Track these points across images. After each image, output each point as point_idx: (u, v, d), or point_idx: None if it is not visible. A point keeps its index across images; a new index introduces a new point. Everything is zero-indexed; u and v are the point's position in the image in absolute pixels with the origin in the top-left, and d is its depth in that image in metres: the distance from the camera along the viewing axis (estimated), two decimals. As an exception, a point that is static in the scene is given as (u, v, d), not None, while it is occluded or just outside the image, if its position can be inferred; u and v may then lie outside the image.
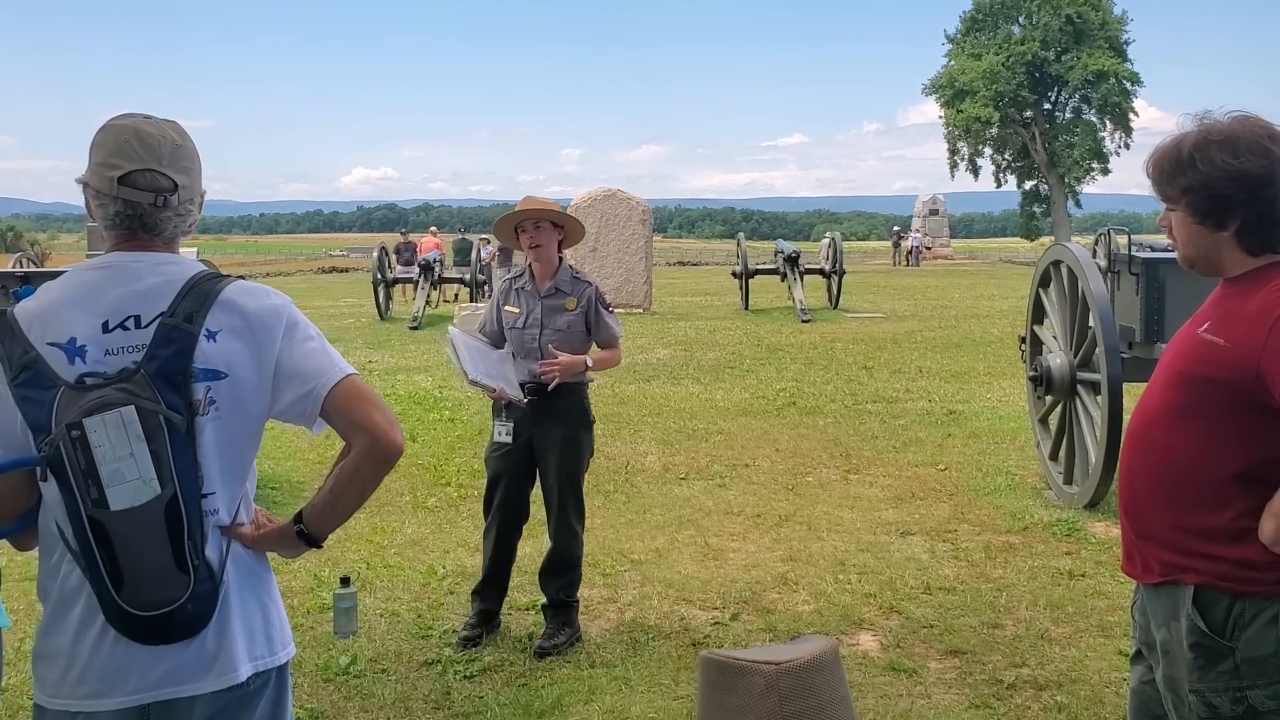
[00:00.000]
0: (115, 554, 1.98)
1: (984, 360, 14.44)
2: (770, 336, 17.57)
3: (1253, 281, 2.31)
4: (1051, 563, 5.98)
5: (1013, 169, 62.84)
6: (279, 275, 48.45)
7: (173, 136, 2.12)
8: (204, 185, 2.22)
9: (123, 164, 2.07)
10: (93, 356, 2.02)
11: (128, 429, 1.94)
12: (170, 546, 1.99)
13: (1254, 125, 2.30)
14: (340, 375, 2.12)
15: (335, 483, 2.14)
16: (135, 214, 2.10)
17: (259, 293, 2.16)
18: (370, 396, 2.14)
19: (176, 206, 2.12)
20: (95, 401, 1.95)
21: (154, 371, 2.00)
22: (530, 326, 4.90)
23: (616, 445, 9.12)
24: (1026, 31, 59.61)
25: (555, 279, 4.95)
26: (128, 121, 2.12)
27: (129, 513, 1.95)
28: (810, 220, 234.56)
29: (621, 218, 21.94)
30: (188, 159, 2.14)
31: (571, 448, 4.91)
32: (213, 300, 2.08)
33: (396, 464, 2.19)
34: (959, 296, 27.22)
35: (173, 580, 2.00)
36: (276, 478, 7.86)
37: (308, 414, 2.12)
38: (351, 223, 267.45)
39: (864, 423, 10.18)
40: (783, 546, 6.31)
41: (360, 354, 15.77)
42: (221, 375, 2.06)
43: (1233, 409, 2.27)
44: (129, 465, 1.94)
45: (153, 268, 2.11)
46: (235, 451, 2.12)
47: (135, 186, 2.08)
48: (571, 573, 4.99)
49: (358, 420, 2.09)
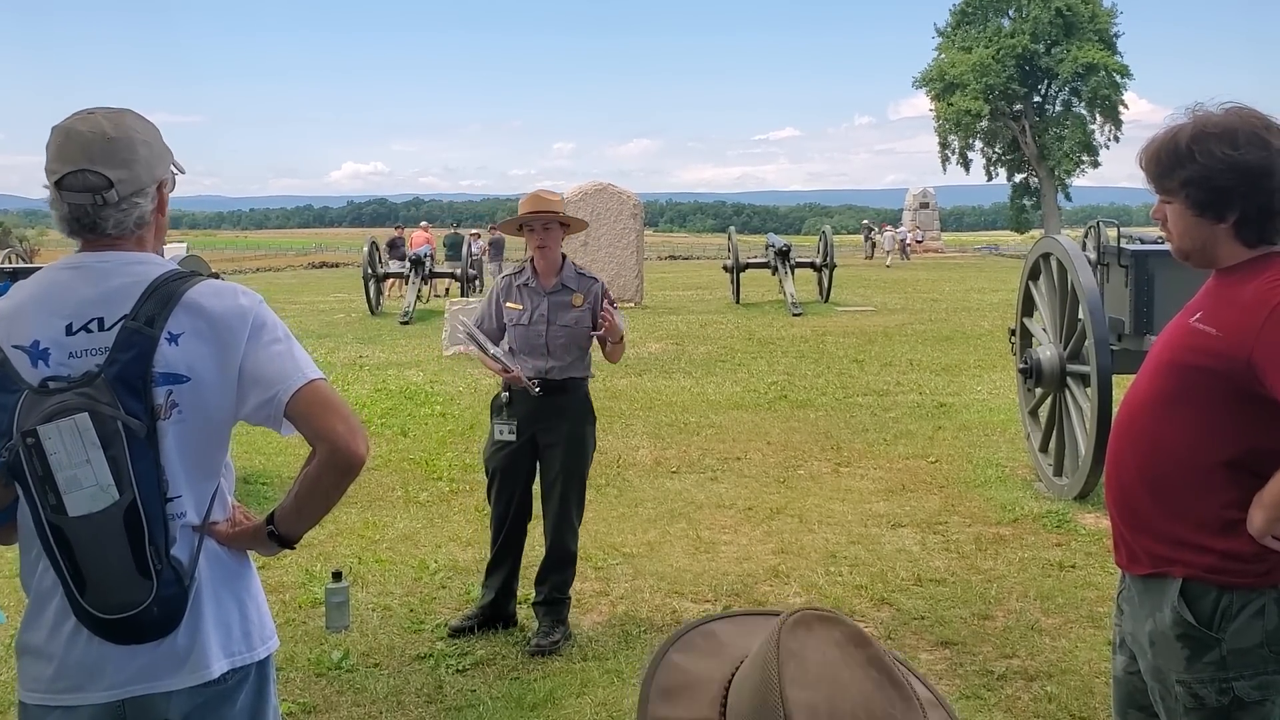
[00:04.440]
0: (76, 559, 1.98)
1: (974, 353, 14.47)
2: (761, 330, 17.59)
3: (1246, 272, 2.31)
4: (1042, 554, 6.00)
5: (1003, 162, 62.90)
6: (269, 270, 48.35)
7: (105, 130, 2.05)
8: (169, 170, 2.16)
9: (59, 168, 2.05)
10: (56, 359, 2.01)
11: (83, 436, 1.93)
12: (131, 552, 1.98)
13: (1250, 117, 2.30)
14: (303, 381, 2.08)
15: (300, 489, 2.13)
16: (77, 215, 2.07)
17: (226, 293, 2.11)
18: (333, 403, 2.10)
19: (117, 203, 2.06)
20: (53, 407, 1.94)
21: (114, 376, 1.98)
22: (535, 323, 4.88)
23: (608, 439, 9.10)
24: (1016, 24, 59.64)
25: (560, 275, 4.95)
26: (65, 122, 2.08)
27: (87, 519, 1.95)
28: (802, 214, 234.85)
29: (613, 212, 21.92)
30: (124, 151, 2.06)
31: (577, 444, 4.91)
32: (175, 302, 2.04)
33: (388, 459, 2.18)
34: (949, 290, 27.25)
35: (135, 585, 2.00)
36: (267, 473, 7.86)
37: (272, 419, 2.08)
38: (342, 217, 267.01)
39: (855, 416, 10.20)
40: (774, 539, 6.32)
41: (351, 349, 15.75)
42: (184, 379, 2.03)
43: (1223, 398, 2.28)
44: (85, 472, 1.93)
45: (119, 268, 2.08)
46: (201, 454, 2.10)
47: (71, 189, 2.05)
48: (568, 569, 4.99)
49: (319, 429, 2.06)
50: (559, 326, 4.86)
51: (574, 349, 4.89)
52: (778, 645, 1.09)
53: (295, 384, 2.07)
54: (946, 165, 63.06)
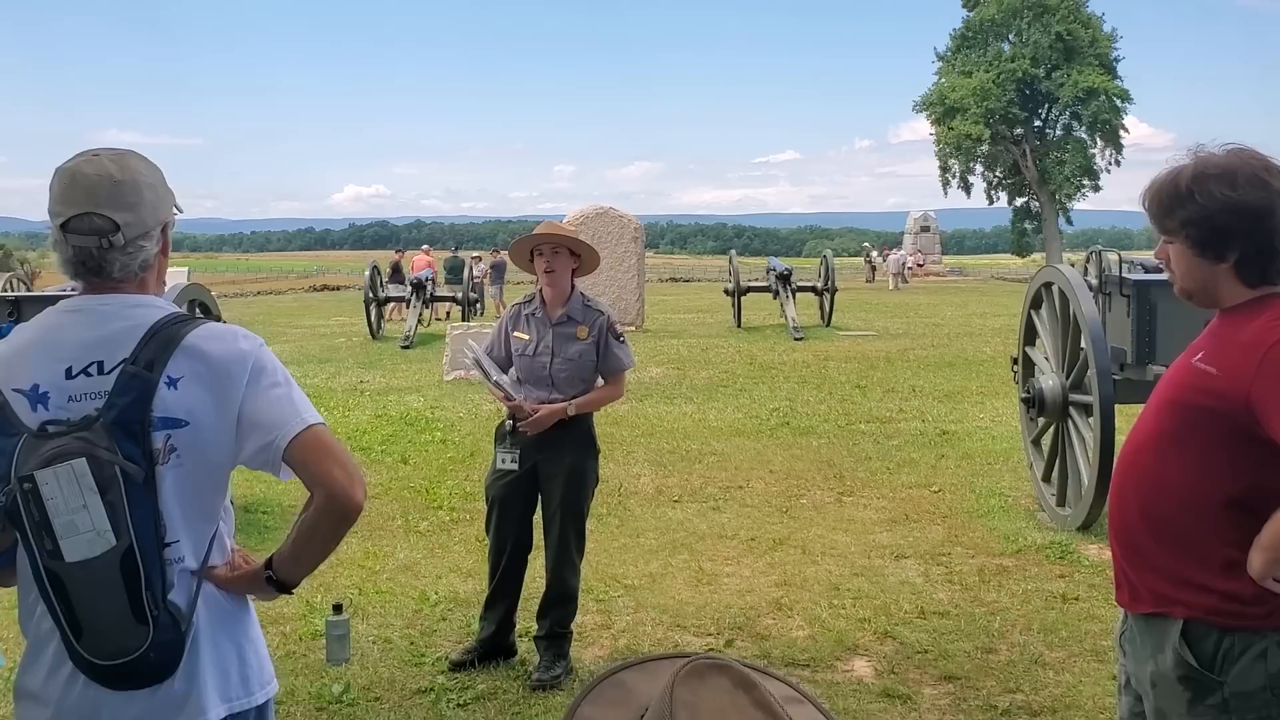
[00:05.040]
0: (72, 605, 1.96)
1: (976, 379, 14.46)
2: (763, 355, 17.59)
3: (1248, 312, 2.32)
4: (1045, 586, 5.98)
5: (1004, 186, 63.06)
6: (270, 293, 48.41)
7: (111, 173, 2.05)
8: (171, 211, 2.16)
9: (64, 210, 2.04)
10: (55, 403, 2.00)
11: (80, 481, 1.91)
12: (127, 598, 1.97)
13: (1250, 158, 2.32)
14: (301, 426, 2.06)
15: (298, 535, 2.12)
16: (82, 259, 2.07)
17: (227, 337, 2.10)
18: (332, 449, 2.09)
19: (123, 246, 2.06)
20: (51, 452, 1.93)
21: (112, 420, 1.97)
22: (541, 354, 4.85)
23: (610, 467, 9.08)
24: (1016, 49, 59.92)
25: (567, 306, 4.90)
26: (70, 164, 2.08)
27: (84, 564, 1.93)
28: (802, 236, 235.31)
29: (614, 236, 21.97)
30: (130, 194, 2.06)
31: (577, 478, 4.85)
32: (175, 346, 2.04)
33: (388, 487, 2.17)
34: (951, 314, 27.28)
35: (131, 631, 1.98)
36: (268, 501, 7.84)
37: (271, 464, 2.07)
38: (343, 240, 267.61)
39: (857, 443, 10.18)
40: (777, 571, 6.30)
41: (351, 374, 15.76)
42: (182, 423, 2.02)
43: (1224, 438, 2.28)
44: (83, 517, 1.92)
45: (119, 311, 2.08)
46: (199, 498, 2.09)
47: (77, 232, 2.04)
48: (569, 605, 4.94)
49: (317, 475, 2.05)
50: (563, 359, 4.83)
51: (578, 382, 4.86)
52: (671, 695, 1.21)
53: (294, 429, 2.06)
54: (947, 189, 63.27)
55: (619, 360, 4.93)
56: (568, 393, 4.82)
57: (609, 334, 4.90)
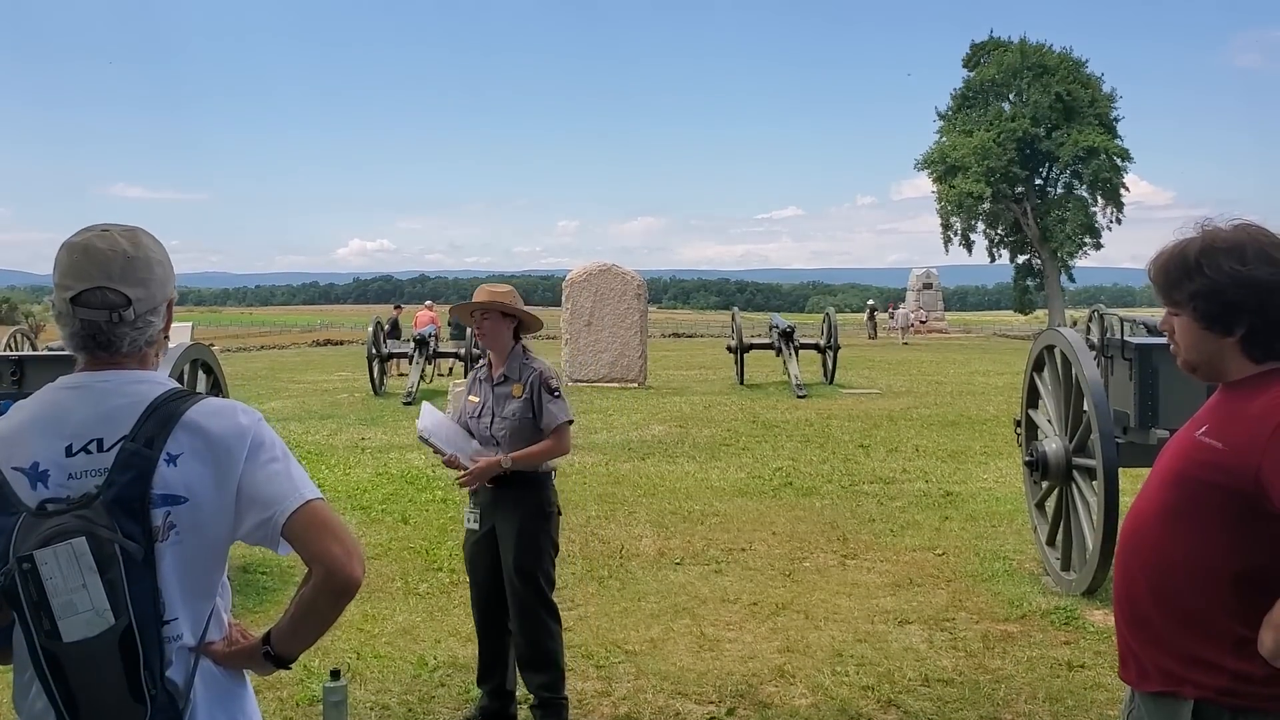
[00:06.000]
0: (70, 685, 1.94)
1: (980, 439, 14.41)
2: (766, 413, 17.56)
3: (1254, 387, 2.30)
4: (1050, 653, 5.91)
5: (1005, 244, 63.40)
6: (274, 348, 48.48)
7: (125, 249, 2.07)
8: (174, 288, 2.19)
9: (74, 284, 2.05)
10: (55, 481, 2.00)
11: (79, 560, 1.90)
12: (125, 677, 1.95)
13: (1258, 234, 2.32)
14: (299, 502, 2.06)
15: (296, 610, 2.11)
16: (91, 333, 2.07)
17: (226, 412, 2.11)
18: (330, 525, 2.08)
19: (133, 321, 2.08)
20: (51, 531, 1.91)
21: (111, 498, 1.96)
22: (483, 415, 4.91)
23: (611, 528, 9.05)
24: (1017, 109, 60.49)
25: (506, 365, 4.93)
26: (80, 238, 2.09)
27: (83, 644, 1.91)
28: (805, 292, 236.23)
29: (616, 292, 22.05)
30: (142, 270, 2.09)
31: (528, 540, 4.80)
32: (174, 422, 2.04)
33: (388, 547, 2.16)
34: (954, 372, 27.25)
35: (128, 711, 1.96)
36: (266, 562, 7.78)
37: (269, 539, 2.07)
38: (347, 294, 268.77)
39: (861, 504, 10.12)
40: (780, 636, 6.23)
41: (353, 430, 15.73)
42: (182, 500, 2.02)
43: (1228, 514, 2.25)
44: (81, 597, 1.90)
45: (119, 387, 2.08)
46: (198, 575, 2.08)
47: (89, 306, 2.05)
48: (548, 670, 4.86)
49: (315, 551, 2.05)
50: (500, 418, 4.85)
51: (519, 440, 4.81)
52: None
53: (292, 505, 2.06)
54: (949, 246, 63.57)
55: (553, 415, 4.86)
56: (511, 451, 4.81)
57: (542, 389, 4.85)
